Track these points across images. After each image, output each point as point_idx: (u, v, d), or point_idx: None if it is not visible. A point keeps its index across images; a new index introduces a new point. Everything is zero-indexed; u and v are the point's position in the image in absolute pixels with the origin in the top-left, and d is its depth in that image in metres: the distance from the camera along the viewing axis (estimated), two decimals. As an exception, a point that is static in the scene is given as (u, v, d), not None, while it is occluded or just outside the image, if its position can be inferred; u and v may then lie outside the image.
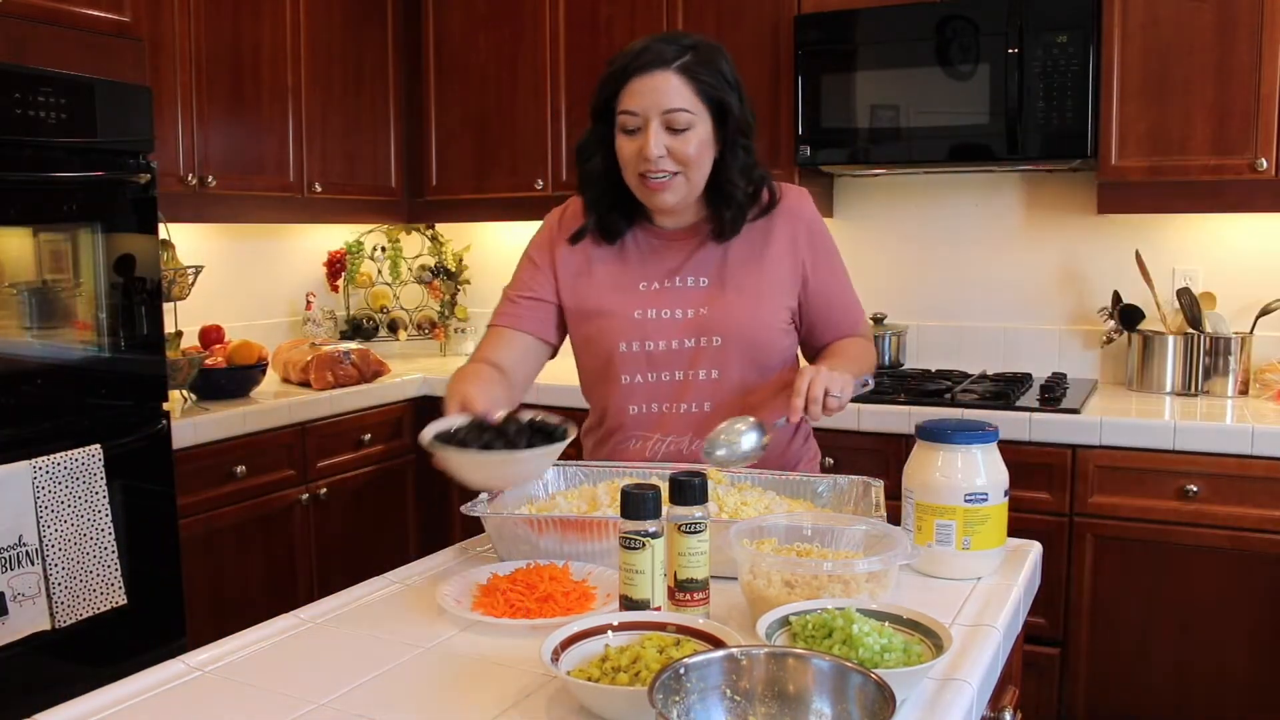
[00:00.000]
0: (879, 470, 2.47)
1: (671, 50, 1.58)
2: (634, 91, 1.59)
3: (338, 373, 3.13)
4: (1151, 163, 2.71)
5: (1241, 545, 2.44)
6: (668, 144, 1.58)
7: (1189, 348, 2.84)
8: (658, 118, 1.58)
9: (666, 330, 1.68)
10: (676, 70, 1.57)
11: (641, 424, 1.72)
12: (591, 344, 1.73)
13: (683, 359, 1.69)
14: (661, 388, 1.70)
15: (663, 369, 1.70)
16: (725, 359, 1.67)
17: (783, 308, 1.71)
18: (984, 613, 1.27)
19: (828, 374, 1.51)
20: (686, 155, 1.59)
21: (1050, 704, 2.63)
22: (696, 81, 1.58)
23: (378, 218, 3.77)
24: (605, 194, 1.69)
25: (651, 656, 1.01)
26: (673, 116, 1.58)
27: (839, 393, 1.51)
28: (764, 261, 1.69)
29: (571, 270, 1.74)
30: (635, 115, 1.59)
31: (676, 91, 1.57)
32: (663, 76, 1.57)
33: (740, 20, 3.10)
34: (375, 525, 3.25)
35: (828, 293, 1.74)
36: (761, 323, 1.68)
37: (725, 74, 1.61)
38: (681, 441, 1.71)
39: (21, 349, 2.25)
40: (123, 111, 2.38)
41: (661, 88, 1.57)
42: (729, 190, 1.64)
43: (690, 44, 1.60)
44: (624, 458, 1.74)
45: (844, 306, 1.77)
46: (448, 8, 3.60)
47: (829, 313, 1.75)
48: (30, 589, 2.13)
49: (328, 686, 1.07)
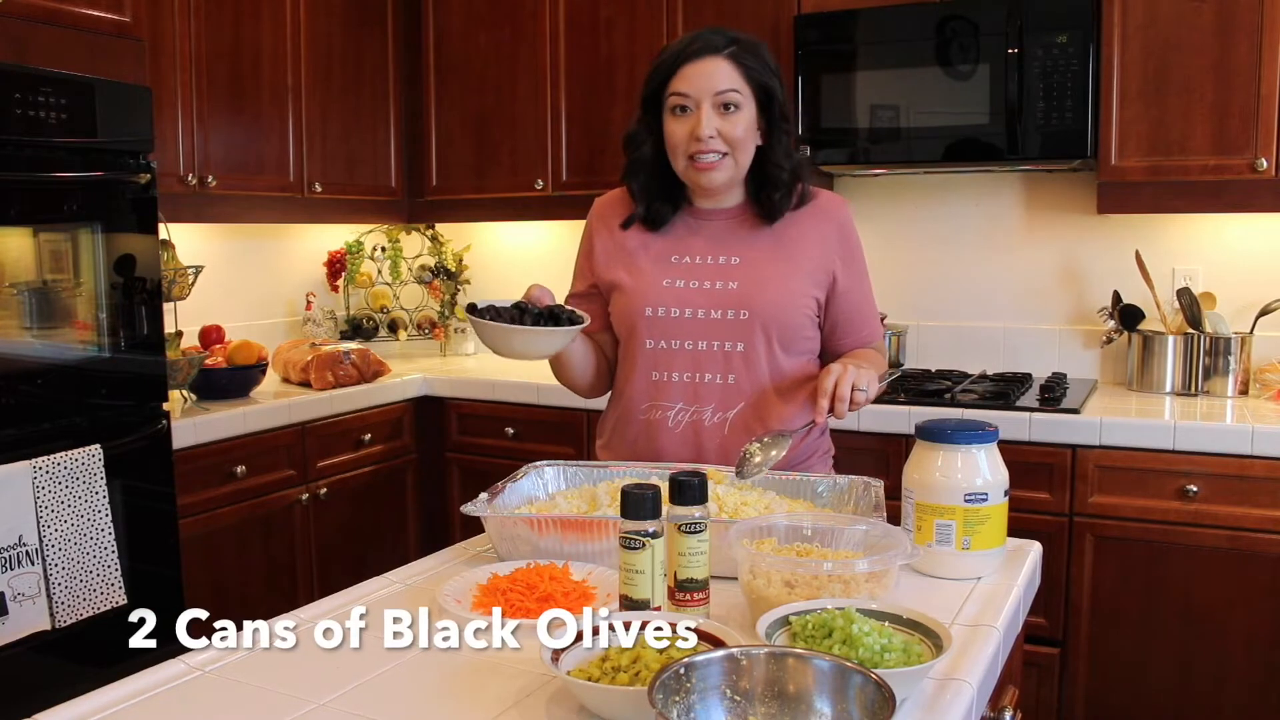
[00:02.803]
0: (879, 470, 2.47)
1: (721, 39, 1.69)
2: (686, 76, 1.68)
3: (338, 373, 3.13)
4: (1151, 163, 2.71)
5: (1241, 545, 2.44)
6: (718, 125, 1.67)
7: (1189, 348, 2.84)
8: (709, 99, 1.67)
9: (694, 299, 1.73)
10: (726, 56, 1.68)
11: (663, 392, 1.74)
12: (621, 312, 1.78)
13: (708, 329, 1.72)
14: (684, 355, 1.73)
15: (686, 337, 1.73)
16: (751, 334, 1.71)
17: (810, 295, 1.75)
18: (984, 613, 1.27)
19: (855, 370, 1.56)
20: (735, 136, 1.68)
21: (1050, 704, 2.63)
22: (744, 67, 1.68)
23: (378, 218, 3.77)
24: (653, 180, 1.77)
25: (651, 656, 1.01)
26: (724, 97, 1.66)
27: (865, 387, 1.56)
28: (796, 250, 1.75)
29: (609, 251, 1.81)
30: (687, 97, 1.68)
31: (727, 75, 1.67)
32: (713, 62, 1.67)
33: (740, 20, 3.10)
34: (375, 525, 3.25)
35: (852, 298, 1.79)
36: (790, 303, 1.72)
37: (769, 62, 1.72)
38: (703, 413, 1.73)
39: (21, 349, 2.25)
40: (123, 111, 2.38)
41: (712, 71, 1.67)
42: (774, 173, 1.73)
43: (734, 36, 1.70)
44: (643, 431, 1.76)
45: (864, 317, 1.81)
46: (448, 8, 3.60)
47: (850, 318, 1.79)
48: (30, 589, 2.13)
49: (328, 686, 1.07)
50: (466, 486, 3.32)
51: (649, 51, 3.25)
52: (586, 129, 3.40)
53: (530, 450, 3.09)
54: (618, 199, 1.84)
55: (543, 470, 1.64)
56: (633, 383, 1.77)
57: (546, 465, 1.65)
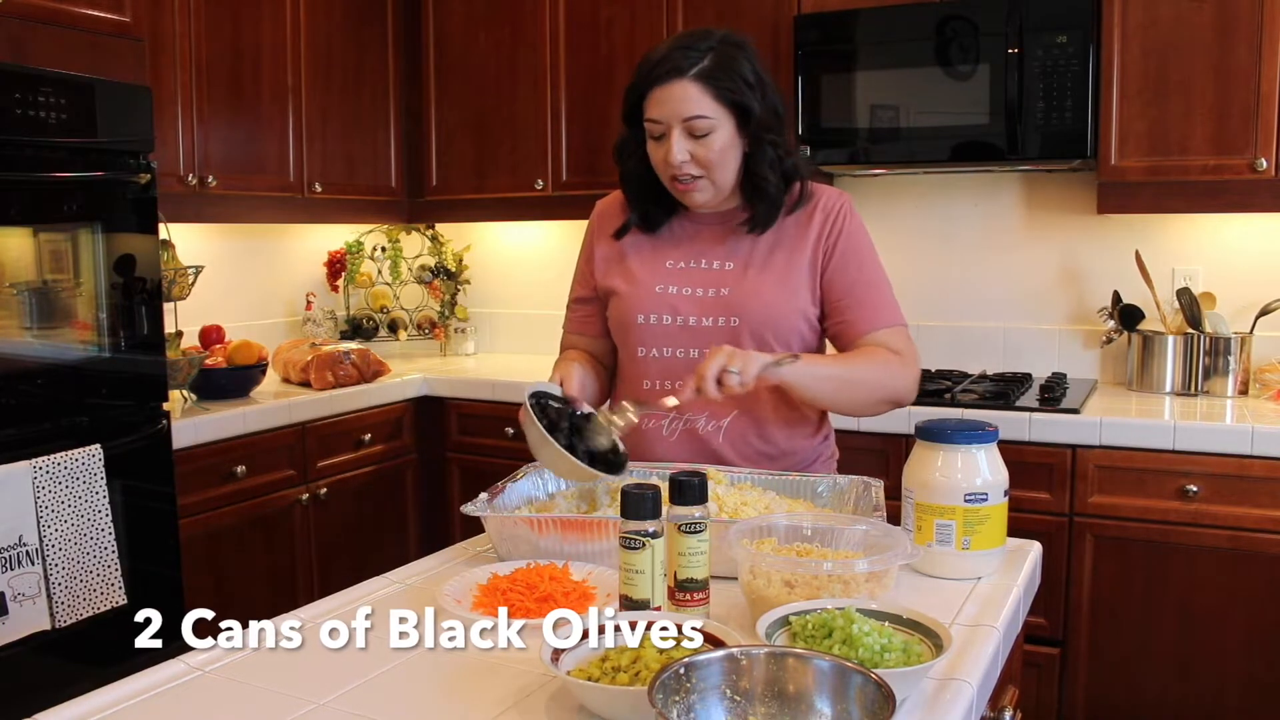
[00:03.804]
0: (879, 470, 2.47)
1: (690, 57, 1.61)
2: (655, 100, 1.63)
3: (338, 373, 3.13)
4: (1151, 163, 2.71)
5: (1241, 545, 2.44)
6: (690, 149, 1.63)
7: (1189, 348, 2.84)
8: (679, 125, 1.62)
9: (686, 306, 1.71)
10: (693, 79, 1.60)
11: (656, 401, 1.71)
12: (616, 318, 1.77)
13: (700, 336, 1.70)
14: (677, 364, 1.71)
15: (678, 345, 1.71)
16: (741, 340, 1.68)
17: (804, 298, 1.71)
18: (984, 613, 1.27)
19: (729, 351, 1.49)
20: (709, 160, 1.64)
21: (1050, 704, 2.63)
22: (715, 87, 1.61)
23: (378, 218, 3.77)
24: (644, 191, 1.75)
25: (651, 656, 1.01)
26: (692, 124, 1.61)
27: (738, 369, 1.47)
28: (793, 252, 1.71)
29: (608, 257, 1.80)
30: (658, 123, 1.64)
31: (695, 100, 1.61)
32: (680, 86, 1.61)
33: (740, 20, 3.09)
34: (375, 525, 3.25)
35: (845, 280, 1.70)
36: (782, 308, 1.69)
37: (744, 75, 1.63)
38: (696, 421, 1.71)
39: (22, 349, 2.25)
40: (123, 111, 2.38)
41: (679, 96, 1.61)
42: (760, 184, 1.68)
43: (710, 45, 1.62)
44: (639, 439, 1.72)
45: (860, 301, 1.70)
46: (448, 8, 3.60)
47: (844, 301, 1.70)
48: (30, 589, 2.13)
49: (328, 686, 1.07)
50: (466, 486, 3.32)
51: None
52: (586, 129, 3.40)
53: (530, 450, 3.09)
54: (618, 201, 1.82)
55: (543, 470, 1.64)
56: (627, 393, 1.76)
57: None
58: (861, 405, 1.71)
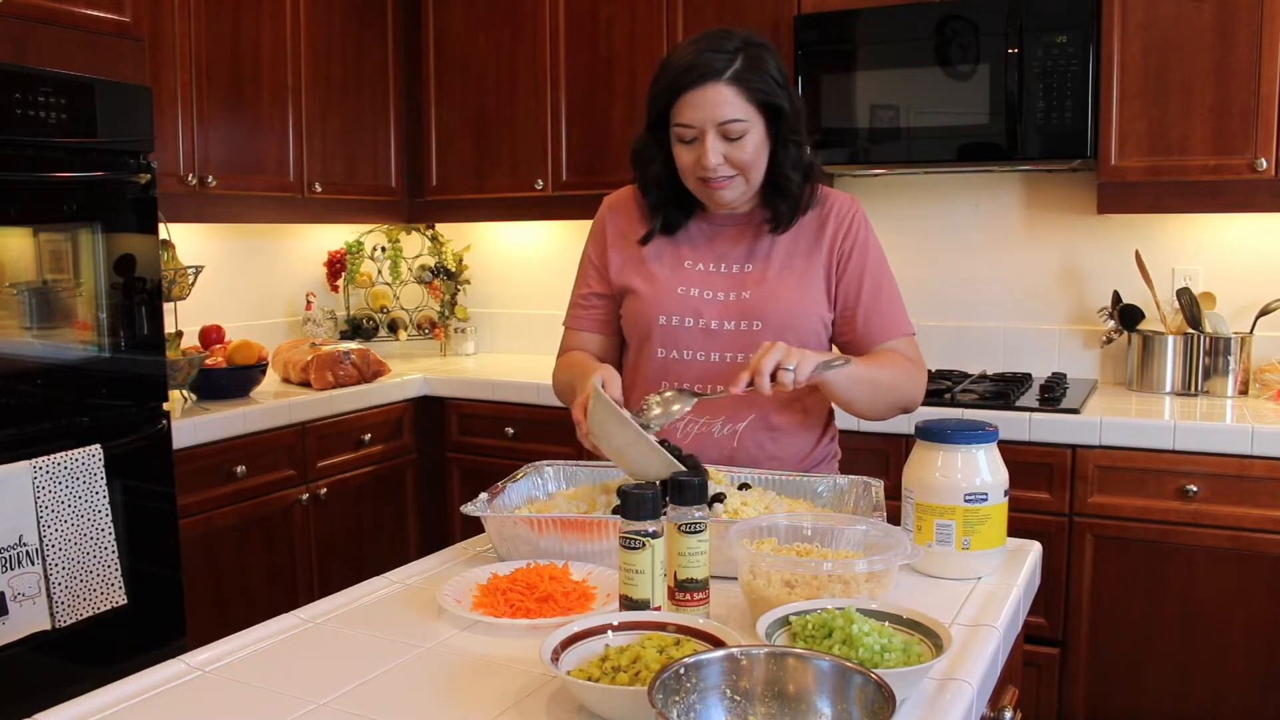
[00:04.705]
0: (879, 470, 2.47)
1: (721, 59, 1.59)
2: (688, 104, 1.61)
3: (338, 373, 3.13)
4: (1151, 163, 2.71)
5: (1241, 545, 2.44)
6: (724, 152, 1.62)
7: (1189, 348, 2.84)
8: (713, 129, 1.61)
9: (708, 310, 1.70)
10: (728, 81, 1.59)
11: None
12: (634, 318, 1.76)
13: (720, 340, 1.70)
14: (696, 367, 1.71)
15: (698, 348, 1.71)
16: (760, 345, 1.66)
17: (821, 303, 1.72)
18: (984, 613, 1.27)
19: (784, 348, 1.49)
20: (744, 161, 1.63)
21: (1050, 704, 2.63)
22: (748, 89, 1.60)
23: (378, 218, 3.77)
24: (666, 195, 1.74)
25: (651, 656, 1.01)
26: (728, 127, 1.60)
27: (791, 366, 1.47)
28: (810, 256, 1.72)
29: (623, 254, 1.79)
30: (690, 128, 1.62)
31: (730, 102, 1.59)
32: (714, 89, 1.59)
33: (740, 20, 3.09)
34: (375, 525, 3.25)
35: (859, 289, 1.72)
36: (801, 312, 1.69)
37: (774, 75, 1.63)
38: (713, 424, 1.71)
39: (21, 349, 2.25)
40: (123, 111, 2.38)
41: (714, 100, 1.59)
42: (783, 184, 1.68)
43: (737, 46, 1.61)
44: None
45: (874, 311, 1.73)
46: (448, 8, 3.60)
47: (857, 310, 1.72)
48: (30, 589, 2.13)
49: (328, 686, 1.07)
50: (466, 486, 3.32)
51: (649, 51, 3.25)
52: (586, 129, 3.40)
53: (530, 450, 3.09)
54: (629, 197, 1.81)
55: (543, 470, 1.64)
56: (642, 392, 1.74)
57: (546, 465, 1.65)
58: (883, 409, 1.72)
